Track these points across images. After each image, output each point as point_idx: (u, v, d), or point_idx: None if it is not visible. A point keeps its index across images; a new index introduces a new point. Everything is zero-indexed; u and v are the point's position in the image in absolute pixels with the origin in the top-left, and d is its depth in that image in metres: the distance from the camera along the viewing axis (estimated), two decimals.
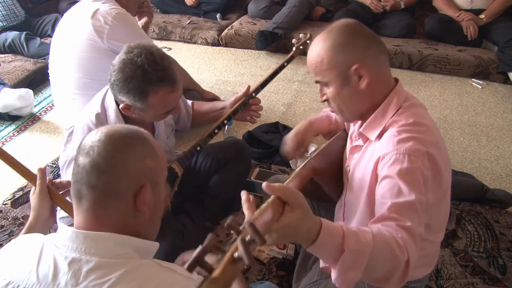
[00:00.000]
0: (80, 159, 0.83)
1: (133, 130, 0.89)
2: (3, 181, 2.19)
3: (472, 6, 3.23)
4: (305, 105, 2.87)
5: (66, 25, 2.05)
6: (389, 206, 0.97)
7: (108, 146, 0.82)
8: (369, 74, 1.08)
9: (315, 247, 0.82)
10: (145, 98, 1.34)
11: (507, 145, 2.47)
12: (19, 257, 0.84)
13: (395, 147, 1.04)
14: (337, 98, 1.13)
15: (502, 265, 1.73)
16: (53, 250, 0.80)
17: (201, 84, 2.79)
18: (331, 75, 1.11)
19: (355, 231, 0.86)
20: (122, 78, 1.32)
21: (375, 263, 0.86)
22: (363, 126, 1.16)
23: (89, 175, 0.81)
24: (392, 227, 0.92)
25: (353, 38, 1.10)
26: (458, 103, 2.89)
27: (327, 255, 0.85)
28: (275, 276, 1.67)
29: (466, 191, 2.01)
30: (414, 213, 0.97)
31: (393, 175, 1.01)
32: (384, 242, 0.87)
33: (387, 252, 0.87)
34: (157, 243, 0.88)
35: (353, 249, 0.83)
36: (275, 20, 3.47)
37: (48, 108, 2.85)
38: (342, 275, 0.84)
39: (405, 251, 0.88)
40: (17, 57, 3.18)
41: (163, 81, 1.33)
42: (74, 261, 0.78)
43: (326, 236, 0.82)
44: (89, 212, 0.82)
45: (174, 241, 1.58)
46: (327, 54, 1.10)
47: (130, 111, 1.40)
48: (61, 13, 3.54)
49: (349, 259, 0.83)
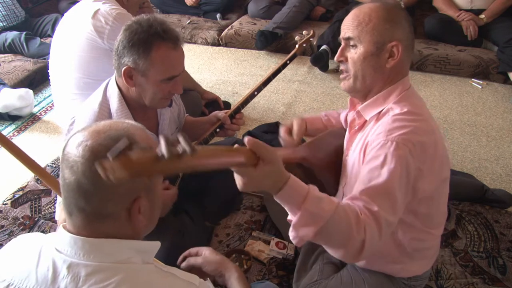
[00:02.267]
0: (65, 172, 0.78)
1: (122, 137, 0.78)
2: (3, 181, 2.20)
3: (472, 6, 3.23)
4: (305, 105, 2.87)
5: (66, 25, 2.05)
6: (363, 189, 1.00)
7: (93, 167, 0.73)
8: (400, 56, 1.13)
9: (278, 198, 0.91)
10: (148, 52, 1.32)
11: (507, 145, 2.48)
12: (18, 258, 0.83)
13: (385, 133, 1.06)
14: (359, 63, 1.15)
15: (502, 265, 1.73)
16: (52, 253, 0.80)
17: (201, 84, 2.79)
18: (369, 37, 1.12)
19: (319, 196, 0.92)
20: (128, 34, 1.33)
21: (330, 230, 0.92)
22: (363, 104, 1.20)
23: (77, 197, 0.77)
24: (359, 207, 0.97)
25: (404, 20, 1.14)
26: (458, 103, 2.89)
27: (288, 208, 0.92)
28: (275, 276, 1.67)
29: (466, 191, 2.02)
30: (387, 199, 0.99)
31: (376, 159, 1.03)
32: (345, 214, 0.93)
33: (343, 224, 0.92)
34: (158, 242, 0.87)
35: (310, 210, 0.90)
36: (275, 20, 3.47)
37: (48, 108, 2.85)
38: (296, 230, 0.92)
39: (362, 230, 0.93)
40: (17, 57, 3.18)
41: (167, 34, 1.33)
42: (73, 265, 0.77)
43: (288, 192, 0.89)
44: (80, 227, 0.80)
45: (174, 241, 1.58)
46: (377, 18, 1.12)
47: (132, 81, 1.38)
48: (61, 13, 3.54)
49: (304, 217, 0.90)
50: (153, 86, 1.38)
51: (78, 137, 0.79)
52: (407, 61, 1.18)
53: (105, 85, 1.48)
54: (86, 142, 0.77)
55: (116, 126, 0.82)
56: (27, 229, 1.91)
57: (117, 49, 1.36)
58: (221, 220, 1.92)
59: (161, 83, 1.38)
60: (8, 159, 2.32)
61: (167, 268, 0.83)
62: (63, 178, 0.78)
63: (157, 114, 1.57)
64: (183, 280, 0.82)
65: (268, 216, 1.92)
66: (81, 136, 0.79)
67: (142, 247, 0.83)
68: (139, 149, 0.67)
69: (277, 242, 1.75)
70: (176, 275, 0.82)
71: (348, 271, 1.39)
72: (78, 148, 0.77)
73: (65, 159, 0.78)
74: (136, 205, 0.80)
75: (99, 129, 0.80)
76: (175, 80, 1.41)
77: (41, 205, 2.04)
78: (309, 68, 3.31)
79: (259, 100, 2.89)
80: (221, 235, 1.85)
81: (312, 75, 3.22)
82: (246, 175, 0.85)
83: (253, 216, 1.94)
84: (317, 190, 0.93)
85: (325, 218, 0.90)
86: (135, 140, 0.80)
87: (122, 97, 1.43)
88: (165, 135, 0.67)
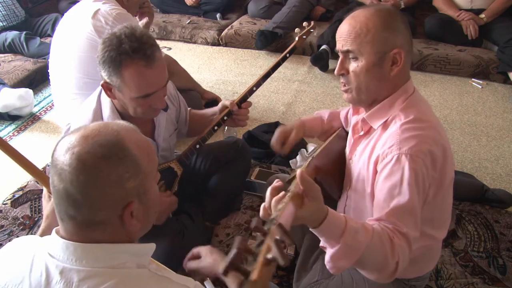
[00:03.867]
0: (54, 178, 0.76)
1: (112, 143, 0.77)
2: (3, 181, 2.19)
3: (472, 5, 3.23)
4: (305, 105, 2.87)
5: (66, 25, 2.05)
6: (388, 210, 1.01)
7: (81, 177, 0.73)
8: (403, 62, 1.10)
9: (317, 232, 0.93)
10: (119, 71, 1.29)
11: (507, 145, 2.48)
12: (12, 263, 0.82)
13: (397, 146, 1.05)
14: (362, 75, 1.11)
15: (502, 265, 1.73)
16: (45, 258, 0.78)
17: (201, 84, 2.79)
18: (369, 48, 1.08)
19: (356, 228, 0.93)
20: (101, 49, 1.31)
21: (366, 259, 0.95)
22: (368, 112, 1.17)
23: (66, 205, 0.75)
24: (390, 229, 0.99)
25: (402, 25, 1.11)
26: (458, 103, 2.89)
27: (326, 240, 0.95)
28: (275, 276, 1.67)
29: (466, 191, 2.01)
30: (411, 217, 1.02)
31: (394, 176, 1.03)
32: (380, 242, 0.95)
33: (379, 253, 0.95)
34: (153, 244, 0.86)
35: (348, 244, 0.92)
36: (275, 20, 3.47)
37: (48, 108, 2.85)
38: (334, 261, 0.95)
39: (396, 255, 0.96)
40: (17, 57, 3.18)
41: (136, 53, 1.27)
42: (65, 270, 0.76)
43: (328, 226, 0.91)
44: (72, 233, 0.78)
45: (174, 241, 1.58)
46: (376, 28, 1.07)
47: (112, 93, 1.37)
48: (61, 13, 3.54)
49: (343, 251, 0.93)
50: (130, 102, 1.35)
51: (66, 141, 0.77)
52: (409, 65, 1.16)
53: (99, 91, 1.48)
54: (73, 149, 0.75)
55: (105, 130, 0.78)
56: (27, 229, 1.90)
57: (97, 61, 1.35)
58: (221, 220, 1.92)
59: (137, 99, 1.34)
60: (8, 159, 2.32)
61: (161, 272, 0.82)
62: (53, 184, 0.77)
63: (153, 118, 1.54)
64: (178, 284, 0.81)
65: None
66: (68, 142, 0.77)
67: (136, 251, 0.82)
68: None
69: None
70: (171, 279, 0.81)
71: (348, 271, 1.38)
72: (66, 155, 0.75)
73: (53, 165, 0.77)
74: (128, 211, 0.78)
75: (87, 134, 0.77)
76: (154, 96, 1.35)
77: (41, 205, 2.03)
78: (309, 68, 3.31)
79: (259, 100, 2.89)
80: (221, 235, 1.85)
81: (312, 75, 3.22)
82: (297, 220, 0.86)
83: (253, 216, 1.94)
84: (353, 221, 0.95)
85: (362, 249, 0.93)
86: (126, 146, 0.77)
87: (113, 105, 1.43)
88: (277, 241, 0.65)
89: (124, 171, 0.76)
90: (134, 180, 0.77)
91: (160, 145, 1.57)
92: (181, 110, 1.72)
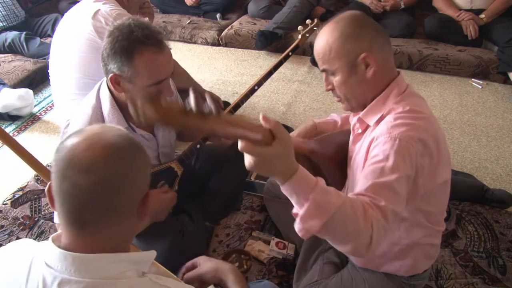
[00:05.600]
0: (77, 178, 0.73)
1: (125, 135, 0.80)
2: (3, 181, 2.20)
3: (472, 6, 3.23)
4: (305, 105, 2.87)
5: (66, 25, 2.05)
6: (368, 185, 1.01)
7: (116, 162, 0.75)
8: (376, 62, 1.12)
9: (286, 187, 0.89)
10: (131, 59, 1.30)
11: (507, 145, 2.48)
12: (8, 271, 0.81)
13: (388, 131, 1.06)
14: (344, 87, 1.16)
15: (502, 265, 1.73)
16: (42, 268, 0.76)
17: (201, 84, 2.79)
18: (339, 63, 1.13)
19: (327, 189, 0.91)
20: (110, 41, 1.31)
21: (336, 224, 0.91)
22: (363, 111, 1.19)
23: (98, 199, 0.74)
24: (366, 202, 0.97)
25: (361, 28, 1.13)
26: (458, 103, 2.89)
27: (296, 200, 0.90)
28: (275, 276, 1.67)
29: (466, 191, 2.02)
30: (392, 193, 1.00)
31: (379, 156, 1.04)
32: (352, 208, 0.92)
33: (351, 220, 0.91)
34: (153, 251, 0.85)
35: (318, 201, 0.88)
36: (275, 20, 3.47)
37: (48, 108, 2.85)
38: (303, 221, 0.91)
39: (369, 225, 0.92)
40: (17, 57, 3.18)
41: (148, 39, 1.30)
42: (64, 281, 0.74)
43: (298, 181, 0.88)
44: (85, 236, 0.77)
45: (174, 241, 1.58)
46: (336, 43, 1.12)
47: (120, 87, 1.36)
48: (61, 13, 3.54)
49: (312, 209, 0.89)
50: (141, 92, 1.36)
51: (80, 140, 0.76)
52: (388, 61, 1.17)
53: (98, 88, 1.48)
54: (97, 143, 0.75)
55: (109, 128, 0.81)
56: (27, 229, 1.91)
57: (102, 56, 1.35)
58: (221, 220, 1.92)
59: (148, 88, 1.35)
60: (8, 159, 2.32)
61: (162, 280, 0.81)
62: (74, 185, 0.74)
63: None
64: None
65: (268, 216, 1.92)
66: (83, 139, 0.76)
67: (137, 259, 0.81)
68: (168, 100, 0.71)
69: (277, 242, 1.75)
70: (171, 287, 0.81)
71: (348, 271, 1.39)
72: (91, 150, 0.74)
73: (72, 165, 0.75)
74: (146, 201, 0.81)
75: (99, 131, 0.78)
76: (163, 84, 1.38)
77: (41, 205, 2.04)
78: (309, 68, 3.31)
79: (259, 100, 2.89)
80: (221, 235, 1.85)
81: (312, 75, 3.22)
82: (258, 155, 0.82)
83: (253, 216, 1.94)
84: (324, 183, 0.92)
85: (332, 210, 0.89)
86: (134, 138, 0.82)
87: (113, 100, 1.43)
88: (195, 92, 0.69)
89: (143, 157, 0.81)
90: (149, 166, 0.83)
91: (160, 140, 1.57)
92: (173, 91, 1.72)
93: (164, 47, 1.34)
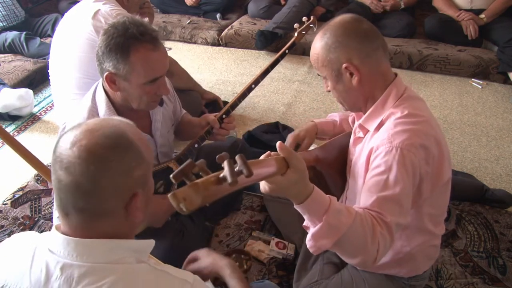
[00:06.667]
0: (60, 173, 0.77)
1: (116, 134, 0.80)
2: (3, 181, 2.20)
3: (472, 6, 3.23)
4: (305, 105, 2.87)
5: (66, 25, 2.05)
6: (373, 200, 1.02)
7: (91, 167, 0.75)
8: (360, 72, 1.13)
9: (299, 207, 0.94)
10: (127, 56, 1.29)
11: (507, 145, 2.48)
12: (12, 260, 0.83)
13: (389, 139, 1.06)
14: (335, 92, 1.21)
15: (502, 265, 1.73)
16: (46, 254, 0.79)
17: (201, 84, 2.79)
18: (326, 71, 1.18)
19: (339, 209, 0.95)
20: (105, 38, 1.30)
21: (346, 242, 0.96)
22: (363, 118, 1.20)
23: (74, 197, 0.77)
24: (373, 216, 1.00)
25: (345, 38, 1.13)
26: (458, 103, 2.89)
27: (309, 218, 0.96)
28: (275, 276, 1.67)
29: (466, 191, 2.02)
30: (397, 206, 1.03)
31: (382, 167, 1.04)
32: (361, 227, 0.96)
33: (360, 236, 0.96)
34: (152, 240, 0.87)
35: (331, 223, 0.93)
36: (275, 20, 3.47)
37: (48, 108, 2.85)
38: (315, 240, 0.96)
39: (376, 242, 0.97)
40: (17, 57, 3.18)
41: (143, 35, 1.29)
42: (66, 266, 0.77)
43: (312, 203, 0.93)
44: (77, 227, 0.80)
45: (174, 241, 1.58)
46: (320, 53, 1.16)
47: (116, 86, 1.36)
48: (61, 13, 3.54)
49: (324, 229, 0.94)
50: (137, 90, 1.35)
51: (69, 137, 0.78)
52: (380, 66, 1.15)
53: (94, 90, 1.47)
54: (80, 142, 0.76)
55: (107, 123, 0.81)
56: (27, 229, 1.90)
57: (97, 55, 1.34)
58: (221, 220, 1.92)
59: (144, 85, 1.35)
60: (8, 159, 2.32)
61: (161, 266, 0.83)
62: (58, 179, 0.77)
63: (149, 113, 1.54)
64: (177, 278, 0.82)
65: (268, 216, 1.93)
66: (73, 136, 0.78)
67: (137, 247, 0.83)
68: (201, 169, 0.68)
69: (277, 242, 1.75)
70: (170, 273, 0.83)
71: (348, 271, 1.39)
72: (73, 149, 0.76)
73: (58, 161, 0.78)
74: (134, 201, 0.80)
75: (91, 128, 0.79)
76: (159, 81, 1.37)
77: (41, 205, 2.04)
78: (309, 68, 3.31)
79: (259, 100, 2.89)
80: (221, 235, 1.85)
81: (312, 75, 3.22)
82: (274, 182, 0.87)
83: (253, 216, 1.95)
84: (337, 202, 0.96)
85: (343, 229, 0.94)
86: (129, 137, 0.81)
87: (109, 101, 1.42)
88: (230, 160, 0.69)
89: (131, 160, 0.79)
90: (140, 169, 0.81)
91: (158, 140, 1.56)
92: (177, 106, 1.72)
93: (159, 45, 1.34)
